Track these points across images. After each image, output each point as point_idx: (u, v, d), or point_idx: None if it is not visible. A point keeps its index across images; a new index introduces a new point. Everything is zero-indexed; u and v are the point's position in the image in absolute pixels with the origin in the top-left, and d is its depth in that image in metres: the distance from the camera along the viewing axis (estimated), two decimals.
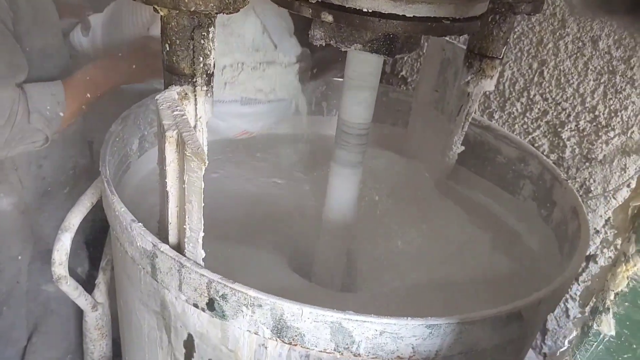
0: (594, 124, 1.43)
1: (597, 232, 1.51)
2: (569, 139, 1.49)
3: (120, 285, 1.01)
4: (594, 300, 0.50)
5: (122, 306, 1.02)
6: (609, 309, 0.48)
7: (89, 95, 1.09)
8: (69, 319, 1.35)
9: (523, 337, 0.93)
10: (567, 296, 1.61)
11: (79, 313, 1.29)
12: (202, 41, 0.80)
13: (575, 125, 1.47)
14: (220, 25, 0.86)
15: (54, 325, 1.35)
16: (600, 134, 1.43)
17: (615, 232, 0.58)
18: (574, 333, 0.52)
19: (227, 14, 0.81)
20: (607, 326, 0.48)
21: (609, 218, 1.49)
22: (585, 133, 1.46)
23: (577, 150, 1.49)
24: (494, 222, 1.30)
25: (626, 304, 0.47)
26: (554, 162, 1.32)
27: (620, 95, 1.37)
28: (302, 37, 1.40)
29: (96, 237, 1.35)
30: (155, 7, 0.74)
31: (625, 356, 0.48)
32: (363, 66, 0.99)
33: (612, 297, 0.47)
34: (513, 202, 1.31)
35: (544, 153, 1.51)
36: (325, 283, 1.14)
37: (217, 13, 0.79)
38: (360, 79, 1.00)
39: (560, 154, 1.52)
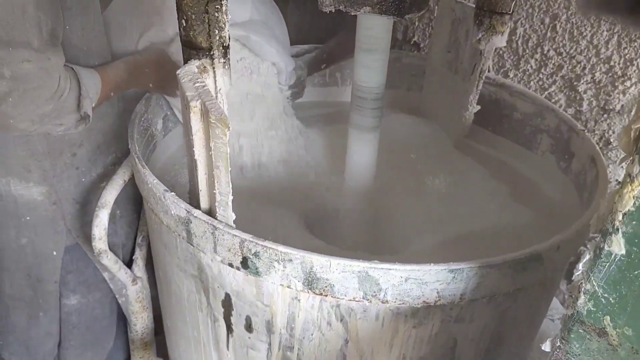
0: (610, 74, 1.43)
1: (619, 183, 1.52)
2: (585, 92, 1.49)
3: (158, 255, 1.07)
4: (605, 223, 0.52)
5: (161, 276, 1.08)
6: (618, 229, 0.50)
7: (112, 94, 1.08)
8: (89, 329, 1.31)
9: (545, 282, 0.96)
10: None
11: (97, 323, 1.31)
12: (217, 14, 0.83)
13: (591, 78, 1.47)
14: None
15: (77, 339, 1.31)
16: (616, 84, 1.42)
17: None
18: (588, 257, 0.55)
19: None
20: (617, 246, 0.51)
21: None
22: (601, 85, 1.45)
23: (594, 103, 1.48)
24: (514, 177, 1.32)
25: (634, 222, 0.49)
26: (572, 116, 1.32)
27: (635, 44, 1.36)
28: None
29: None
30: None
31: (636, 272, 0.50)
32: (373, 29, 1.01)
33: (620, 218, 0.50)
34: (531, 157, 1.32)
35: (561, 108, 1.51)
36: (352, 246, 1.18)
37: None
38: (372, 42, 1.02)
39: (578, 108, 1.52)
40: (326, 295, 0.81)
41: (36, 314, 1.24)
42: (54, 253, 1.18)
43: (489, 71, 1.28)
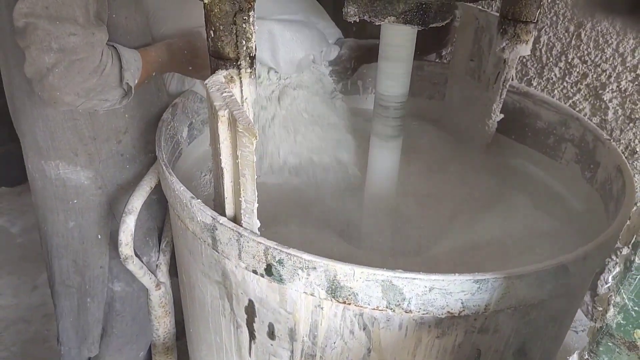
0: (636, 83, 1.41)
1: None
2: (610, 101, 1.47)
3: (182, 261, 1.08)
4: (635, 236, 0.52)
5: (185, 281, 1.10)
6: None
7: (153, 73, 1.13)
8: (134, 319, 1.34)
9: (571, 293, 0.95)
10: (616, 261, 1.59)
11: (141, 313, 1.33)
12: (244, 25, 0.85)
13: (617, 86, 1.45)
14: None
15: (121, 327, 1.34)
16: None
17: None
18: (617, 269, 0.55)
19: None
20: None
21: None
22: (627, 93, 1.44)
23: (619, 112, 1.47)
24: (537, 186, 1.31)
25: None
26: (597, 125, 1.31)
27: None
28: None
29: None
30: None
31: None
32: (397, 38, 1.01)
33: None
34: (555, 166, 1.31)
35: (586, 116, 1.50)
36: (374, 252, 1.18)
37: None
38: (395, 51, 1.03)
39: (603, 117, 1.50)
40: (349, 304, 0.81)
41: (84, 300, 1.28)
42: (99, 237, 1.22)
43: (512, 79, 1.28)
